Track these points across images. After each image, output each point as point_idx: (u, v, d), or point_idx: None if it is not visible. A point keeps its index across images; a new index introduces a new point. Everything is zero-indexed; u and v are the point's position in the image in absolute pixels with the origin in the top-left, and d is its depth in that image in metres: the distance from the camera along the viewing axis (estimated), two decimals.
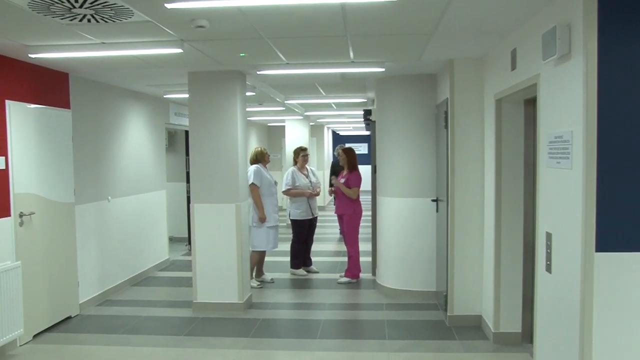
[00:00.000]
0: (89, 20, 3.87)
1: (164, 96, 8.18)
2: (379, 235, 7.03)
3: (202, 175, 6.15)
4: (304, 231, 7.81)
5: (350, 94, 8.85)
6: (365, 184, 7.75)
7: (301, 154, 7.85)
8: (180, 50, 4.69)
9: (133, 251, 7.59)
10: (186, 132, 9.54)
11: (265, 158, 7.39)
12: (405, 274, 6.57)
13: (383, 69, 5.80)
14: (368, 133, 16.52)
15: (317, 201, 8.11)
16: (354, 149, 7.79)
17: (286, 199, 8.23)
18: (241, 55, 5.23)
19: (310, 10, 3.74)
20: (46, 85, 5.64)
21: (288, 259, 8.01)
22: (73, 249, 6.05)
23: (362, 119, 10.45)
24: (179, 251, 9.83)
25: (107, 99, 6.93)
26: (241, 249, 6.16)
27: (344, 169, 7.58)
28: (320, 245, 10.03)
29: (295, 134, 13.29)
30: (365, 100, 9.40)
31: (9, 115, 5.03)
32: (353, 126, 18.21)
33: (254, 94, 7.70)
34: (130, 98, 7.53)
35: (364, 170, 7.78)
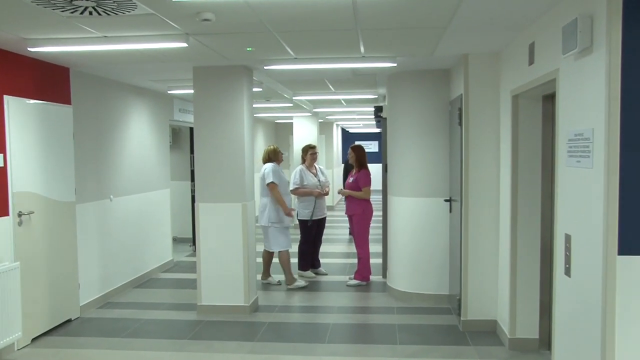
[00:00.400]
0: (91, 13, 3.86)
1: (168, 92, 8.18)
2: (389, 236, 7.01)
3: (207, 173, 6.14)
4: (312, 232, 7.80)
5: (361, 90, 8.84)
6: (376, 183, 7.73)
7: (310, 152, 7.83)
8: (185, 45, 4.68)
9: (135, 252, 7.60)
10: (191, 129, 9.56)
11: (279, 157, 7.41)
12: (417, 277, 6.55)
13: (395, 64, 5.77)
14: (379, 130, 16.49)
15: (326, 201, 8.10)
16: (363, 146, 7.77)
17: (294, 199, 8.20)
18: (248, 49, 5.22)
19: (320, 2, 3.72)
20: (46, 80, 5.65)
21: (295, 260, 8.00)
22: (73, 250, 6.07)
23: (373, 116, 10.44)
24: (183, 252, 9.85)
25: (109, 95, 6.94)
26: (247, 250, 6.15)
27: (354, 167, 7.57)
28: (329, 246, 10.02)
29: (304, 131, 13.28)
30: (376, 96, 9.39)
31: (8, 111, 5.04)
32: (363, 123, 18.17)
33: (261, 89, 7.70)
34: (133, 94, 7.54)
35: (374, 169, 7.76)
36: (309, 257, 7.90)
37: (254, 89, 6.84)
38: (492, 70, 5.40)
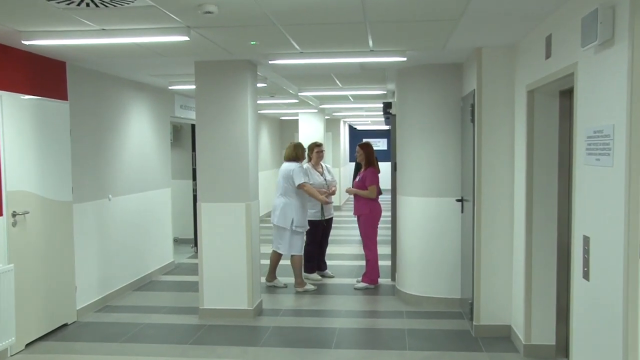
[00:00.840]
0: (88, 5, 3.85)
1: (169, 87, 8.19)
2: (399, 238, 6.99)
3: (210, 172, 6.14)
4: (318, 233, 7.78)
5: (369, 86, 8.83)
6: (385, 182, 7.70)
7: (315, 150, 7.82)
8: (186, 38, 4.67)
9: (135, 253, 7.61)
10: (193, 126, 9.54)
11: (305, 155, 7.50)
12: (428, 280, 6.52)
13: (404, 59, 5.75)
14: (388, 127, 16.45)
15: (333, 201, 8.09)
16: (371, 144, 7.75)
17: None
18: (252, 43, 5.21)
19: None
20: (42, 75, 5.65)
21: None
22: (70, 251, 6.07)
23: (382, 113, 10.41)
24: (184, 254, 9.86)
25: (108, 90, 6.94)
26: (251, 252, 6.14)
27: (362, 166, 7.55)
28: (336, 247, 10.01)
29: (310, 128, 13.29)
30: (385, 92, 9.38)
31: (1, 107, 5.03)
32: (371, 120, 18.17)
33: (265, 85, 7.70)
34: (132, 89, 7.54)
35: (383, 167, 7.74)
36: (315, 259, 7.89)
37: (258, 85, 6.84)
38: (507, 64, 5.37)
